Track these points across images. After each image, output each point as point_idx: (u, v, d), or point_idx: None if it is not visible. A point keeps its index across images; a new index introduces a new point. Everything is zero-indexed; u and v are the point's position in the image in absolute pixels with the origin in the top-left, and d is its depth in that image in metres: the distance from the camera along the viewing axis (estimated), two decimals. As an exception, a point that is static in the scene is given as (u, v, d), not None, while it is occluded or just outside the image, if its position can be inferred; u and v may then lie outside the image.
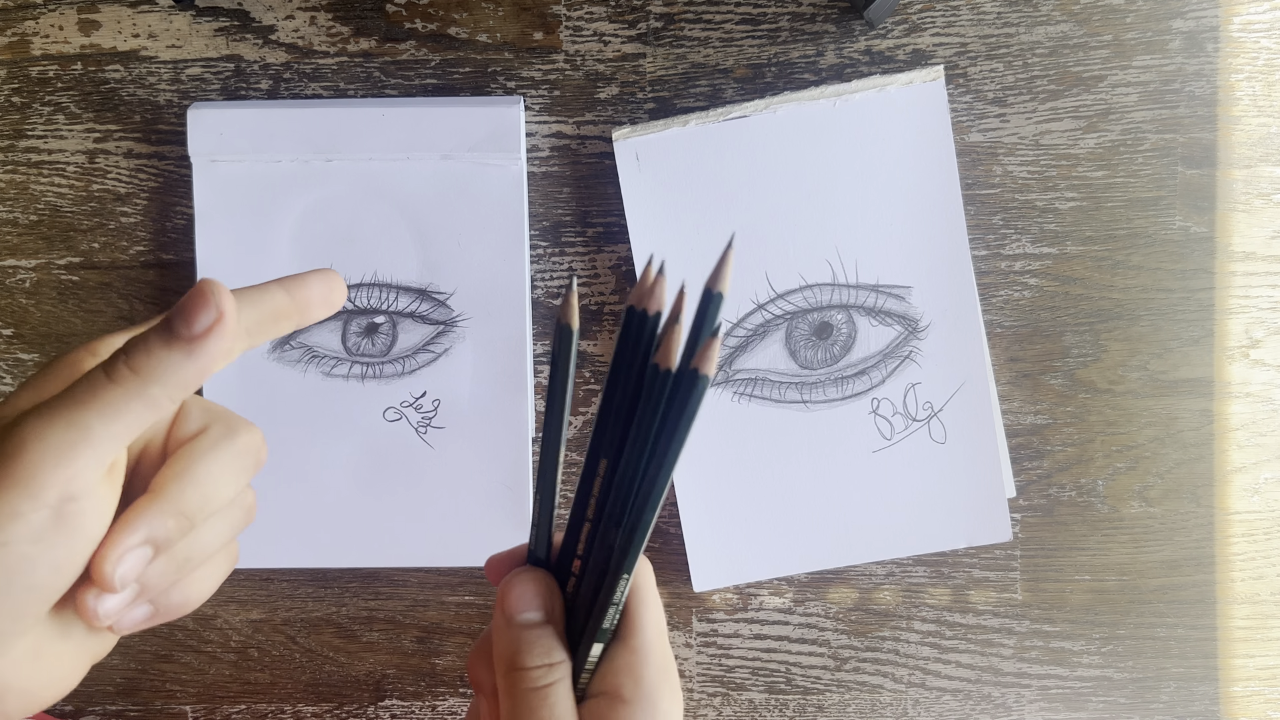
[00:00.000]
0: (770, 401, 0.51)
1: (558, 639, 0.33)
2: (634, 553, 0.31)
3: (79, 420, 0.26)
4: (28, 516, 0.25)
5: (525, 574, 0.33)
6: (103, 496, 0.27)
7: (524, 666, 0.32)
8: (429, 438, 0.51)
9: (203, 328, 0.26)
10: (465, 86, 0.51)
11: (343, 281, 0.32)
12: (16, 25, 0.51)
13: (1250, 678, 0.53)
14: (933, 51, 0.50)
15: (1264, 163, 0.51)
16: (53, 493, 0.26)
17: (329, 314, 0.32)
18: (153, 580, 0.29)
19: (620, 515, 0.31)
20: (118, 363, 0.26)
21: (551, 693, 0.32)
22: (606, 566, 0.32)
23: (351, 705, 0.54)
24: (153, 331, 0.27)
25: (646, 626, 0.33)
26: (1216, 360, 0.52)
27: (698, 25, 0.51)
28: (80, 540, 0.26)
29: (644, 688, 0.32)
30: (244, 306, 0.30)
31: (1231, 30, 0.50)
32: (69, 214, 0.52)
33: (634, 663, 0.32)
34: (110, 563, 0.27)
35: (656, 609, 0.33)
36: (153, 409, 0.27)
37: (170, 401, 0.27)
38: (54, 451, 0.25)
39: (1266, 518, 0.52)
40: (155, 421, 0.27)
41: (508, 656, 0.32)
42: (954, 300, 0.50)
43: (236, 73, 0.51)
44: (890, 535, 0.51)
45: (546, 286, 0.52)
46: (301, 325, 0.31)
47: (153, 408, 0.27)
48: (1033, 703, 0.53)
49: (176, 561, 0.29)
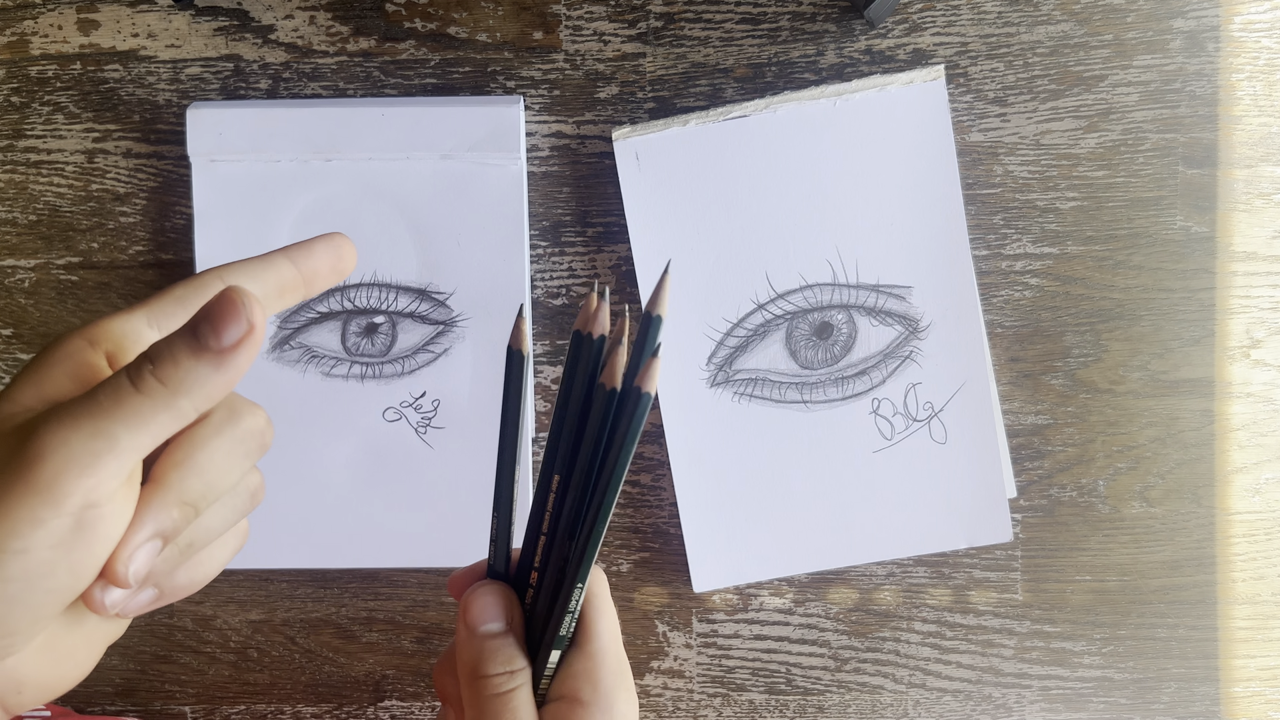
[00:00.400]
0: (770, 401, 0.51)
1: (518, 647, 0.34)
2: (588, 563, 0.33)
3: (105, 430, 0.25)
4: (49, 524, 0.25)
5: (485, 587, 0.35)
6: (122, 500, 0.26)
7: (487, 674, 0.34)
8: (429, 438, 0.51)
9: (232, 341, 0.26)
10: (465, 86, 0.51)
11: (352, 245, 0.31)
12: (16, 25, 0.51)
13: (1251, 678, 0.53)
14: (933, 51, 0.50)
15: (1265, 162, 0.51)
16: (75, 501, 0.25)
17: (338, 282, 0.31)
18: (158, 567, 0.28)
19: (573, 528, 0.33)
20: (144, 373, 0.26)
21: (513, 698, 0.33)
22: (562, 577, 0.34)
23: (351, 705, 0.54)
24: (180, 342, 0.26)
25: (602, 633, 0.35)
26: (1217, 360, 0.52)
27: (698, 25, 0.51)
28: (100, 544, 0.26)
29: (601, 690, 0.34)
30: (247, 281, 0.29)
31: (1232, 30, 0.50)
32: (68, 214, 0.52)
33: (590, 668, 0.34)
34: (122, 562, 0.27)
35: (611, 616, 0.35)
36: (179, 420, 0.26)
37: (196, 412, 0.27)
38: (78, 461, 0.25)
39: (1267, 518, 0.52)
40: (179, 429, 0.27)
41: (471, 665, 0.34)
42: (954, 300, 0.50)
43: (236, 72, 0.51)
44: (890, 535, 0.51)
45: (546, 286, 0.52)
46: (309, 297, 0.31)
47: (179, 419, 0.26)
48: (1033, 703, 0.53)
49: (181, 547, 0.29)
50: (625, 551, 0.53)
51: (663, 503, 0.52)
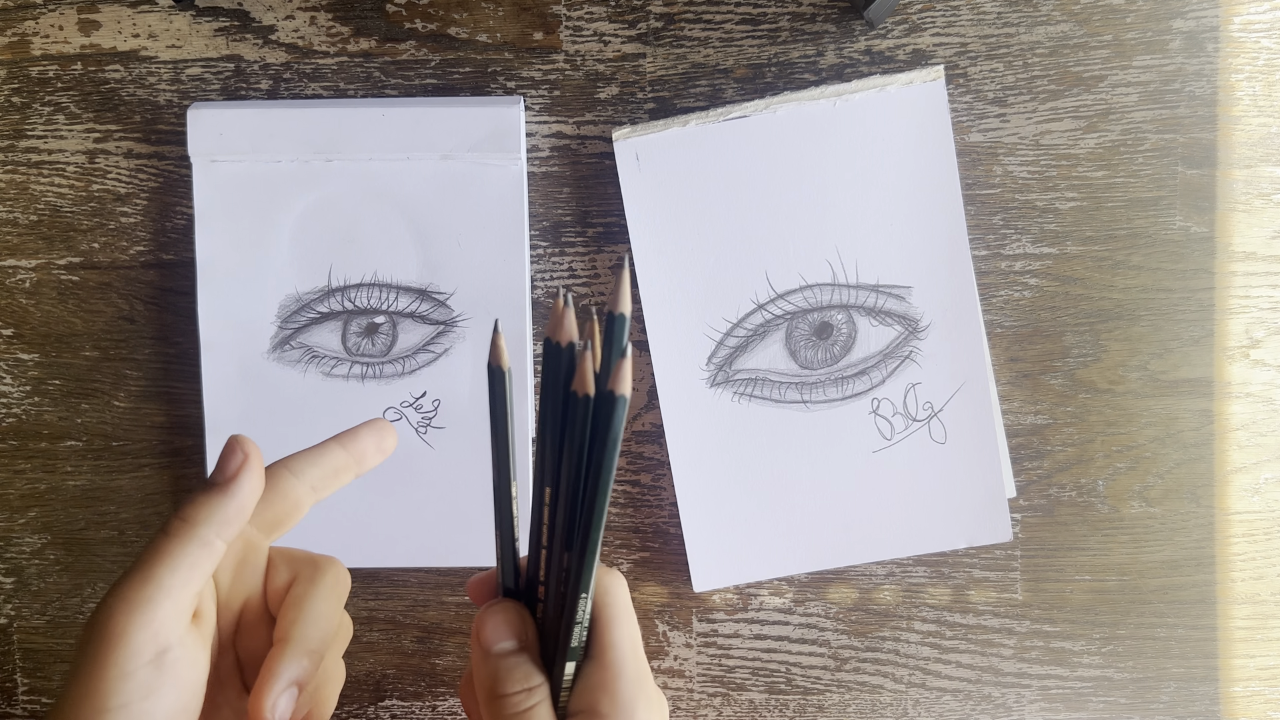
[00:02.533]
0: (770, 401, 0.51)
1: (534, 664, 0.34)
2: (587, 572, 0.33)
3: (150, 576, 0.30)
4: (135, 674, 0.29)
5: (496, 606, 0.35)
6: (193, 644, 0.31)
7: (505, 693, 0.34)
8: (429, 438, 0.51)
9: (234, 469, 0.32)
10: (465, 86, 0.51)
11: (393, 429, 0.36)
12: (16, 25, 0.51)
13: (1250, 678, 0.53)
14: (933, 51, 0.50)
15: (1264, 163, 0.51)
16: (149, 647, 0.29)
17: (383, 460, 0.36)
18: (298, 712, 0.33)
19: (569, 538, 0.33)
20: (171, 519, 0.31)
21: (533, 715, 0.33)
22: (566, 589, 0.33)
23: (351, 705, 0.54)
24: (197, 488, 0.32)
25: (619, 643, 0.34)
26: (1217, 360, 0.52)
27: (698, 25, 0.51)
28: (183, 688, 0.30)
29: (620, 702, 0.33)
30: (307, 467, 0.34)
31: (1232, 30, 0.50)
32: (69, 214, 0.52)
33: (608, 679, 0.34)
34: (268, 708, 0.31)
35: (627, 624, 0.35)
36: (208, 549, 0.31)
37: (220, 540, 0.31)
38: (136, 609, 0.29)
39: (1266, 518, 0.52)
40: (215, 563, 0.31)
41: (488, 686, 0.34)
42: (954, 300, 0.50)
43: (236, 73, 0.51)
44: (890, 535, 0.51)
45: (546, 286, 0.52)
46: (359, 475, 0.36)
47: (207, 548, 0.31)
48: (1033, 703, 0.53)
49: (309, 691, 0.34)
50: (625, 551, 0.53)
51: (663, 503, 0.52)
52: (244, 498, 0.32)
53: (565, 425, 0.32)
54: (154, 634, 0.29)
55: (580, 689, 0.34)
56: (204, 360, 0.51)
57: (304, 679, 0.32)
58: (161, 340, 0.52)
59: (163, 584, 0.30)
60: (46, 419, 0.53)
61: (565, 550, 0.33)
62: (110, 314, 0.52)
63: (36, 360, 0.52)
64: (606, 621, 0.34)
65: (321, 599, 0.33)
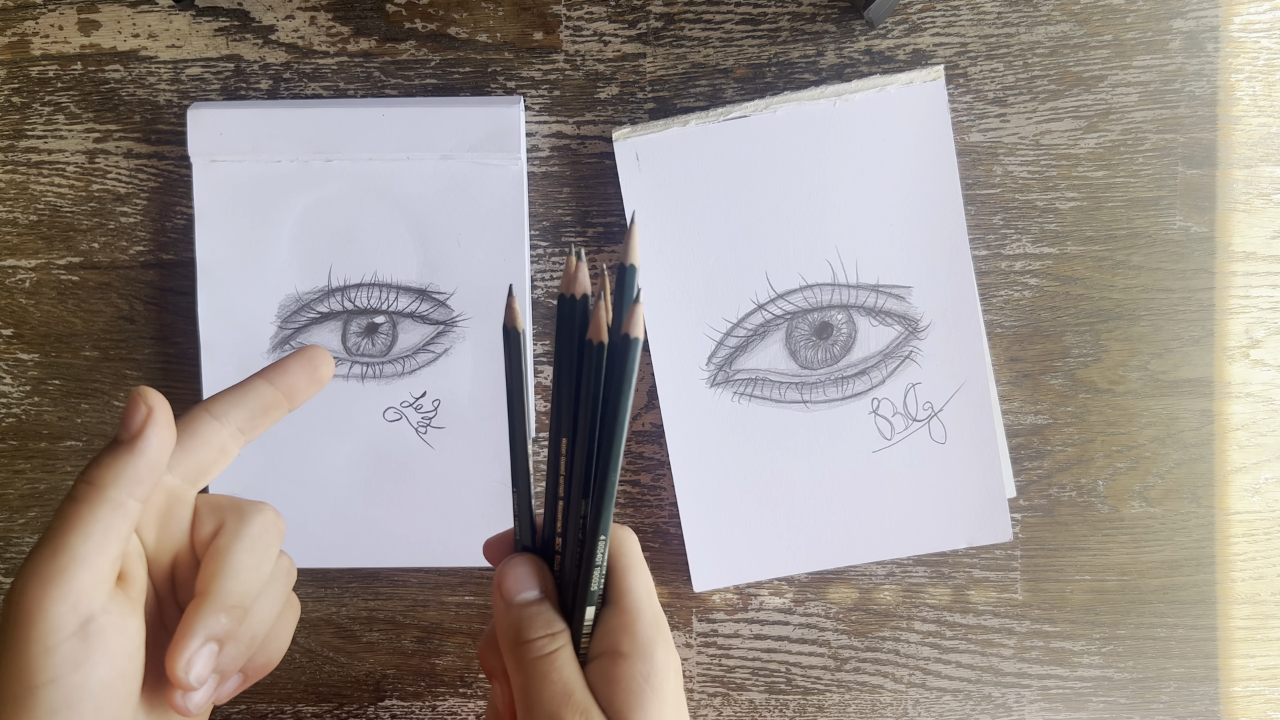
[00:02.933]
0: (770, 401, 0.51)
1: (555, 611, 0.35)
2: (605, 514, 0.34)
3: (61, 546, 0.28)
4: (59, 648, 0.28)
5: (516, 559, 0.36)
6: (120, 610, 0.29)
7: (529, 639, 0.34)
8: (429, 438, 0.51)
9: (138, 425, 0.30)
10: (465, 86, 0.51)
11: (328, 355, 0.35)
12: (16, 25, 0.51)
13: (1250, 678, 0.53)
14: (933, 51, 0.50)
15: (1264, 163, 0.51)
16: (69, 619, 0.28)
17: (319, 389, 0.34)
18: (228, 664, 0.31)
19: (586, 484, 0.34)
20: (77, 484, 0.29)
21: (557, 657, 0.34)
22: (584, 534, 0.35)
23: (351, 705, 0.54)
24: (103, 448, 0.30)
25: (635, 588, 0.36)
26: (1217, 360, 0.52)
27: (698, 25, 0.51)
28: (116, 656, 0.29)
29: (640, 642, 0.34)
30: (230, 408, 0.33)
31: (1232, 30, 0.50)
32: (69, 214, 0.52)
33: (627, 622, 0.35)
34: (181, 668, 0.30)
35: (643, 573, 0.36)
36: (120, 511, 0.29)
37: (133, 499, 0.29)
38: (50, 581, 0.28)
39: (1267, 518, 0.52)
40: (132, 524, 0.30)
41: (512, 634, 0.35)
42: (954, 300, 0.50)
43: (236, 73, 0.51)
44: (890, 535, 0.51)
45: (546, 286, 0.52)
46: (293, 409, 0.34)
47: (120, 510, 0.29)
48: (1033, 703, 0.53)
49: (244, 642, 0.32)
50: (625, 551, 0.53)
51: (663, 503, 0.52)
52: (153, 453, 0.30)
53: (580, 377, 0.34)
54: (73, 605, 0.28)
55: (600, 632, 0.35)
56: (204, 360, 0.51)
57: (224, 634, 0.31)
58: (161, 340, 0.52)
59: (75, 553, 0.28)
60: (46, 419, 0.53)
61: (583, 497, 0.34)
62: (110, 314, 0.52)
63: (36, 360, 0.52)
64: (622, 570, 0.36)
65: (245, 550, 0.32)
